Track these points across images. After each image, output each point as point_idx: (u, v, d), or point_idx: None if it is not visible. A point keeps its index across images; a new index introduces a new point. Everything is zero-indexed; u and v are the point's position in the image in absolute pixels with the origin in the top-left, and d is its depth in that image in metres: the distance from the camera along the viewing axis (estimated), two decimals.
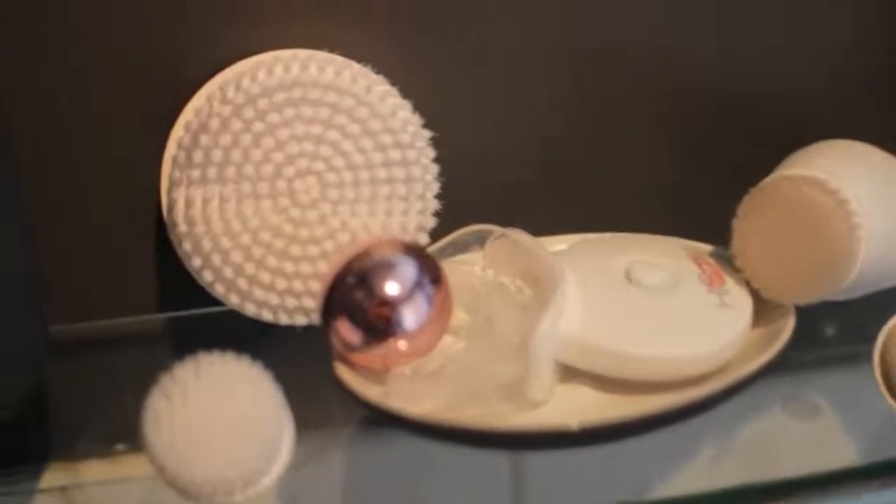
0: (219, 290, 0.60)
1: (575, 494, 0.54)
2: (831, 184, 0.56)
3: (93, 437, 0.59)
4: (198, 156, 0.58)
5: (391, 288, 0.54)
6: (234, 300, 0.60)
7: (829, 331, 0.65)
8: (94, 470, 0.58)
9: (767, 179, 0.58)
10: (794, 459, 0.56)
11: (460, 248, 0.62)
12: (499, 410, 0.53)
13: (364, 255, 0.55)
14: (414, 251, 0.56)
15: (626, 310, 0.57)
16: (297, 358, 0.60)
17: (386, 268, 0.54)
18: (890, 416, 0.56)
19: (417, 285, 0.54)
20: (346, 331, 0.54)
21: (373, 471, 0.57)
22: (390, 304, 0.54)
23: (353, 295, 0.54)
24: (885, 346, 0.56)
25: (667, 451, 0.56)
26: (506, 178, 0.68)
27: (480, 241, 0.61)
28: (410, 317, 0.54)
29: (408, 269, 0.54)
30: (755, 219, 0.58)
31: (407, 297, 0.54)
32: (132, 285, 0.67)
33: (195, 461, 0.47)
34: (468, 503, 0.55)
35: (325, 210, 0.60)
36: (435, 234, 0.62)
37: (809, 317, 0.59)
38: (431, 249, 0.61)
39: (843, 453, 0.57)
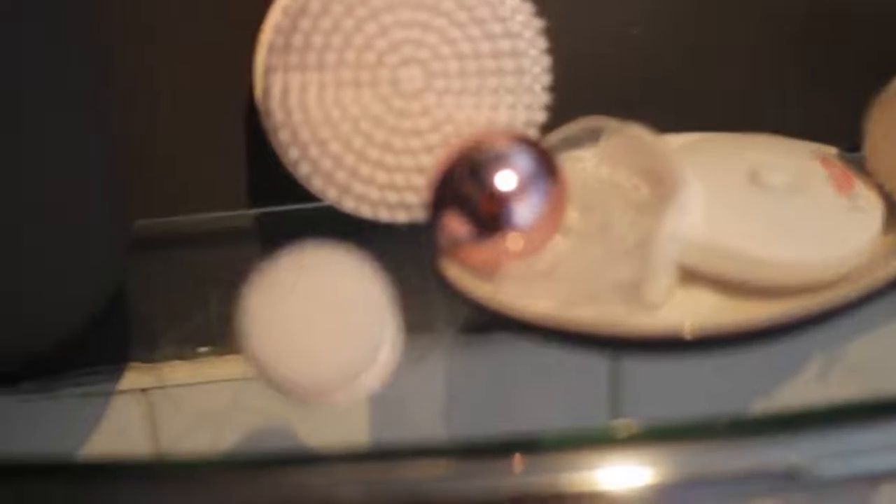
0: (316, 183, 0.58)
1: (673, 404, 0.52)
2: None
3: (175, 338, 0.58)
4: (297, 40, 0.56)
5: (504, 180, 0.52)
6: (331, 194, 0.58)
7: None
8: (175, 372, 0.57)
9: None
10: None
11: (573, 143, 0.59)
12: (612, 312, 0.52)
13: (477, 146, 0.53)
14: (530, 144, 0.54)
15: (751, 211, 0.55)
16: (398, 257, 0.58)
17: (499, 159, 0.52)
18: None
19: (532, 179, 0.53)
20: (454, 224, 0.53)
21: (468, 375, 0.56)
22: (503, 198, 0.52)
23: (464, 187, 0.52)
24: None
25: (777, 362, 0.54)
26: (622, 73, 0.66)
27: (594, 136, 0.59)
28: (524, 211, 0.52)
29: (522, 162, 0.53)
30: (888, 118, 0.56)
31: (521, 190, 0.52)
32: (221, 178, 0.66)
33: (294, 357, 0.45)
34: (564, 409, 0.54)
35: (430, 101, 0.58)
36: (545, 130, 0.60)
37: None
38: None
39: None
